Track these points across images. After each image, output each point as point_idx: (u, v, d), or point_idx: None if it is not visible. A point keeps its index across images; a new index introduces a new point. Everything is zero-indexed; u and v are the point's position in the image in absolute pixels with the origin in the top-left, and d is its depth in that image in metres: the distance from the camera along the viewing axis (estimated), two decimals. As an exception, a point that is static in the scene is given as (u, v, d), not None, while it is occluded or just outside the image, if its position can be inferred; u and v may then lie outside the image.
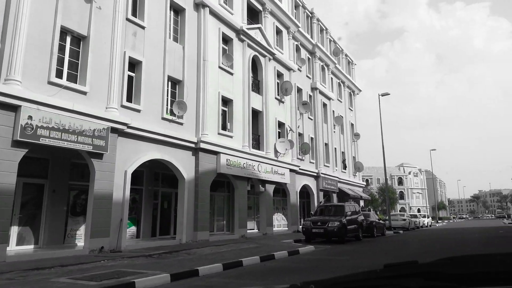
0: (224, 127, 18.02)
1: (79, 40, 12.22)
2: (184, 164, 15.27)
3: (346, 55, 37.00)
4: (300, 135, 26.05)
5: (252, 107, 20.22)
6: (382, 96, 29.45)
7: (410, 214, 34.52)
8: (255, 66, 21.61)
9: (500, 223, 42.13)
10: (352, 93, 37.99)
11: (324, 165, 28.76)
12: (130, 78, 13.72)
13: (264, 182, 20.50)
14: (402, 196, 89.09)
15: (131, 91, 13.76)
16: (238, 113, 19.03)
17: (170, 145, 14.63)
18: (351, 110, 37.36)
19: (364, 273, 1.43)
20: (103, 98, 12.29)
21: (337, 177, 30.64)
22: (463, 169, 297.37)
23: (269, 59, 22.25)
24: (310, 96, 28.07)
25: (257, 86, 21.49)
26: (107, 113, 12.08)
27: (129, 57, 13.47)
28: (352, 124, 37.04)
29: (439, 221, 60.21)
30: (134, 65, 13.95)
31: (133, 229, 15.18)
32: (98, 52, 12.36)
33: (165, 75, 14.85)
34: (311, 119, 27.86)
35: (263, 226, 20.46)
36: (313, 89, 28.58)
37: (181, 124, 15.38)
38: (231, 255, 10.12)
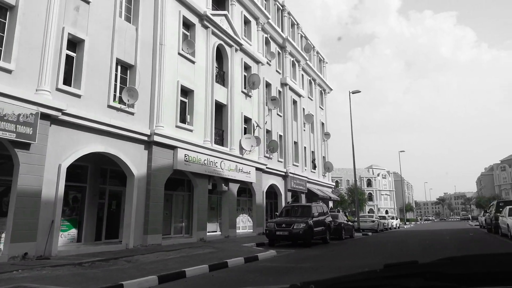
0: (183, 120, 16.44)
1: (5, 10, 10.38)
2: (134, 159, 13.60)
3: (317, 52, 36.09)
4: (268, 132, 24.76)
5: (215, 100, 18.73)
6: (353, 93, 28.66)
7: (379, 216, 33.95)
8: (220, 56, 20.14)
9: (466, 225, 42.37)
10: (323, 92, 37.12)
11: (293, 165, 27.61)
12: (70, 59, 11.97)
13: (227, 180, 19.04)
14: (370, 197, 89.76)
15: (71, 73, 12.00)
16: (200, 105, 17.49)
17: (117, 137, 12.93)
18: (322, 109, 36.48)
19: (364, 273, 1.42)
20: (33, 78, 10.48)
21: (306, 177, 29.57)
22: (430, 172, 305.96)
23: (236, 50, 20.82)
24: (279, 91, 26.85)
25: (222, 77, 20.01)
26: (37, 96, 10.29)
27: (69, 33, 11.70)
28: (322, 123, 36.15)
29: (406, 223, 60.56)
30: (75, 44, 12.19)
31: (73, 232, 13.38)
32: (29, 25, 10.55)
33: (114, 57, 13.14)
34: (280, 116, 26.64)
35: (225, 228, 18.98)
36: (283, 84, 27.38)
37: (132, 114, 13.71)
38: (176, 263, 8.61)
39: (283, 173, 25.82)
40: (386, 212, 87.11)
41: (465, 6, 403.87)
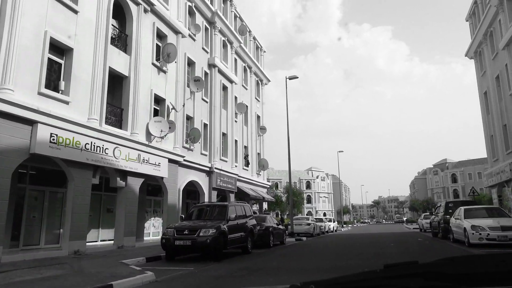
0: (54, 87, 11.96)
1: None
2: (-47, 133, 8.96)
3: (254, 38, 32.68)
4: (189, 118, 20.73)
5: (110, 67, 14.40)
6: (289, 79, 25.52)
7: (315, 218, 31.17)
8: (123, 14, 15.82)
9: (403, 228, 41.22)
10: (260, 82, 33.78)
11: (221, 159, 23.80)
12: None
13: (125, 174, 14.75)
14: (309, 200, 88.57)
15: None
16: (84, 71, 13.07)
17: None
18: (258, 101, 33.10)
19: (364, 273, 1.38)
20: None
21: (237, 175, 25.89)
22: (366, 176, 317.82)
23: (146, 11, 16.60)
24: (206, 73, 22.92)
25: (123, 41, 15.68)
26: None
27: None
28: (258, 116, 32.75)
29: (344, 226, 59.31)
30: None
31: None
32: None
33: None
34: (206, 102, 22.71)
35: (119, 236, 14.59)
36: (211, 65, 23.50)
37: (-47, 65, 9.07)
38: None
39: (208, 169, 21.91)
40: (324, 214, 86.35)
41: (400, 21, 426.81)
